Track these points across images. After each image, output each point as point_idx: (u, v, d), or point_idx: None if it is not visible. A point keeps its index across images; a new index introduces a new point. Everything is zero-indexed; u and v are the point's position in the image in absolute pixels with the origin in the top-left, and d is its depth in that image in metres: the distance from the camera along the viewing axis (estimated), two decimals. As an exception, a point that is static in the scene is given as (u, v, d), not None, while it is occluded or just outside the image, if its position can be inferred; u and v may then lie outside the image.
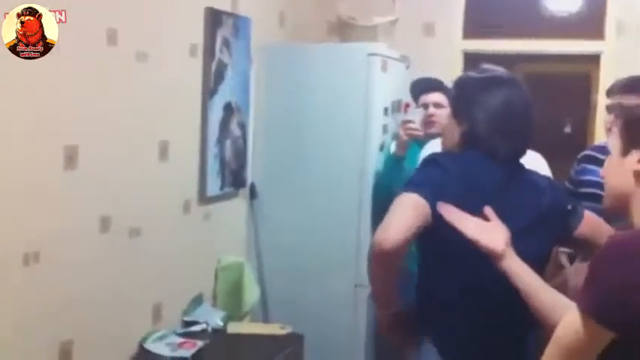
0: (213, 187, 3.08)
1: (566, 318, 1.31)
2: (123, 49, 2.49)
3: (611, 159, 1.44)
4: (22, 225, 2.14)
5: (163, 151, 2.76)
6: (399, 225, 1.62)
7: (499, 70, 1.94)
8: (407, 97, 3.58)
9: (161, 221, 2.77)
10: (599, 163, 2.12)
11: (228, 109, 3.15)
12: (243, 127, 3.29)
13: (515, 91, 1.84)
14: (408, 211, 1.64)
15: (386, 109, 3.41)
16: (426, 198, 1.64)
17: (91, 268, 2.42)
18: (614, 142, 1.45)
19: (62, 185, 2.28)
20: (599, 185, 1.75)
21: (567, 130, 4.27)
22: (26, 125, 2.11)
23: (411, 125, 3.15)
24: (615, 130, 1.46)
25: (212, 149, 3.04)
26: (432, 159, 1.81)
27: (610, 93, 2.88)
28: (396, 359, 3.27)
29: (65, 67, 2.23)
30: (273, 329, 3.02)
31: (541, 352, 1.37)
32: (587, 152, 2.99)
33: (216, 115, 3.05)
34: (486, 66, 2.00)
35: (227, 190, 3.20)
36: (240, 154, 3.29)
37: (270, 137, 3.45)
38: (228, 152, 3.18)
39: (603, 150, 2.44)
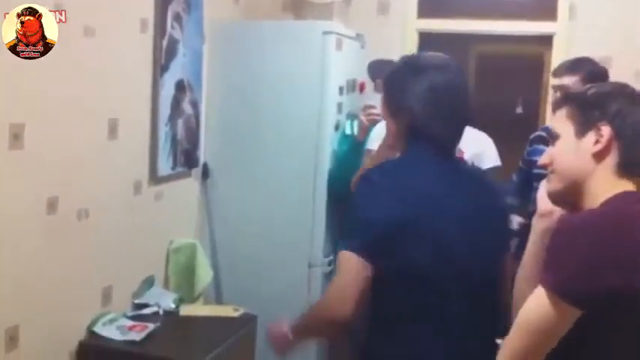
0: (165, 166, 3.01)
1: (531, 298, 1.32)
2: (70, 24, 2.37)
3: (563, 143, 1.43)
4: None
5: (113, 130, 2.68)
6: (354, 298, 1.63)
7: (428, 55, 1.90)
8: (362, 77, 3.57)
9: (111, 202, 2.70)
10: None
11: (180, 86, 3.07)
12: (195, 105, 3.22)
13: (447, 74, 1.80)
14: (359, 280, 1.64)
15: (341, 88, 3.38)
16: (368, 258, 1.63)
17: (38, 250, 2.35)
18: (561, 127, 1.44)
19: (7, 165, 2.19)
20: None
21: (519, 110, 4.32)
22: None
23: (373, 111, 3.15)
24: (562, 114, 1.46)
25: (163, 128, 2.97)
26: (368, 190, 1.75)
27: (555, 73, 2.92)
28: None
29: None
30: (227, 311, 2.99)
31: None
32: (538, 133, 3.03)
33: (167, 92, 2.98)
34: (412, 54, 1.99)
35: (179, 169, 3.14)
36: (193, 134, 3.23)
37: (223, 116, 3.39)
38: (180, 131, 3.11)
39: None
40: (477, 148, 2.87)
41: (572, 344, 1.31)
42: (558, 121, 1.46)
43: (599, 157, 1.38)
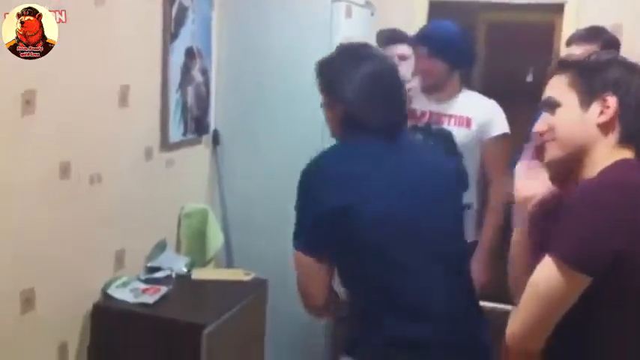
0: (176, 133, 3.04)
1: (540, 268, 1.34)
2: (81, -8, 2.42)
3: (565, 111, 1.43)
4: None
5: (124, 97, 2.70)
6: (317, 293, 1.78)
7: (357, 44, 1.95)
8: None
9: (123, 168, 2.73)
10: None
11: (190, 54, 3.09)
12: (205, 72, 3.24)
13: (378, 62, 1.85)
14: (316, 277, 1.76)
15: (350, 56, 3.38)
16: (318, 253, 1.74)
17: (51, 215, 2.39)
18: (563, 95, 1.44)
19: (20, 131, 2.23)
20: None
21: (529, 79, 4.31)
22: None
23: None
24: (562, 81, 1.45)
25: (174, 95, 2.99)
26: (306, 185, 1.83)
27: (569, 43, 2.91)
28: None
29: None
30: (238, 275, 3.03)
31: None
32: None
33: (177, 60, 3.00)
34: (343, 43, 2.03)
35: (189, 136, 3.17)
36: (203, 101, 3.25)
37: (233, 83, 3.40)
38: (191, 98, 3.13)
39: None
40: (485, 115, 2.88)
41: (578, 317, 1.33)
42: (558, 88, 1.45)
43: (604, 127, 1.40)
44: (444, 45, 2.84)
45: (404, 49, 3.25)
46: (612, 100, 1.39)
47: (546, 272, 1.32)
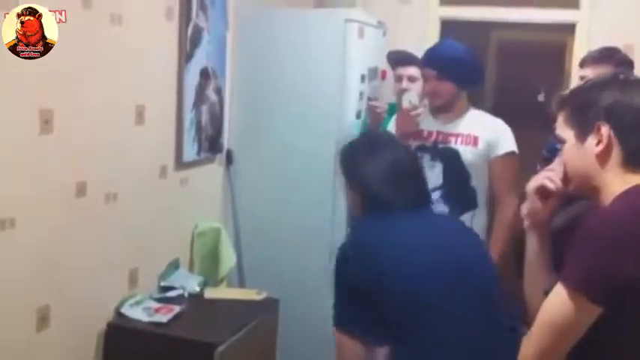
0: (190, 152, 3.07)
1: (552, 296, 1.34)
2: (97, 12, 2.45)
3: (568, 147, 1.46)
4: (-3, 190, 2.12)
5: (139, 116, 2.73)
6: None
7: (378, 133, 2.12)
8: (384, 65, 3.60)
9: (137, 186, 2.76)
10: None
11: (205, 74, 3.12)
12: (219, 92, 3.27)
13: (397, 149, 1.93)
14: (354, 354, 1.75)
15: (363, 76, 3.41)
16: (358, 331, 1.72)
17: (67, 233, 2.41)
18: (564, 132, 1.46)
19: (38, 150, 2.26)
20: None
21: (541, 98, 4.32)
22: (1, 89, 2.08)
23: (375, 104, 3.26)
24: (561, 118, 1.47)
25: (188, 114, 3.02)
26: (342, 266, 1.81)
27: (582, 65, 2.91)
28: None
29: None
30: (250, 294, 3.04)
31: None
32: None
33: (192, 80, 3.03)
34: (366, 133, 2.12)
35: (203, 155, 3.19)
36: (217, 120, 3.28)
37: (247, 103, 3.43)
38: (205, 118, 3.16)
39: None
40: (492, 133, 2.89)
41: (591, 344, 1.33)
42: (560, 126, 1.48)
43: (603, 156, 1.40)
44: (452, 66, 2.86)
45: (413, 70, 3.28)
46: (605, 129, 1.39)
47: (558, 300, 1.32)
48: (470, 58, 2.94)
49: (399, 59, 3.41)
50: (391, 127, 3.05)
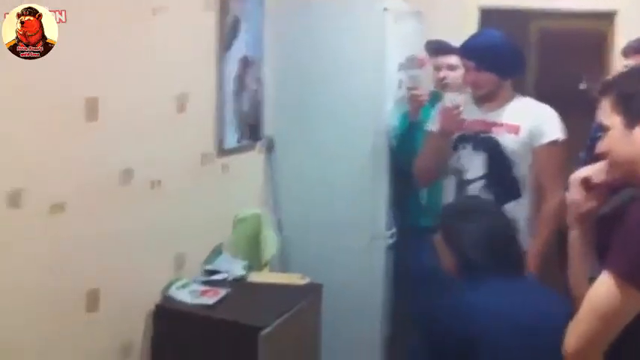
0: (231, 139, 3.11)
1: (598, 283, 1.34)
2: (140, 4, 2.51)
3: (614, 134, 1.44)
4: (46, 177, 2.19)
5: (182, 104, 2.79)
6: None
7: (477, 198, 2.28)
8: (421, 53, 3.59)
9: (181, 173, 2.81)
10: None
11: (244, 62, 3.16)
12: (258, 80, 3.30)
13: (494, 215, 2.02)
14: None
15: (401, 65, 3.42)
16: None
17: (115, 218, 2.47)
18: (609, 119, 1.45)
19: (84, 137, 2.32)
20: None
21: (582, 86, 4.27)
22: (49, 79, 2.14)
23: (416, 92, 3.19)
24: (606, 105, 1.46)
25: (229, 102, 3.06)
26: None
27: (625, 54, 2.87)
28: (412, 310, 3.35)
29: (84, 21, 2.25)
30: (293, 279, 3.07)
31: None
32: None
33: (231, 68, 3.07)
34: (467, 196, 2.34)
35: (244, 142, 3.24)
36: (257, 108, 3.32)
37: (286, 91, 3.46)
38: (245, 105, 3.20)
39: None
40: (536, 122, 2.84)
41: (636, 332, 1.33)
42: (605, 112, 1.47)
43: None
44: (491, 57, 2.82)
45: (452, 59, 3.27)
46: None
47: (603, 288, 1.32)
48: (509, 47, 2.91)
49: (437, 48, 3.40)
50: (433, 118, 3.03)
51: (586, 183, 1.48)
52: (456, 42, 3.28)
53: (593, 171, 1.48)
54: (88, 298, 2.39)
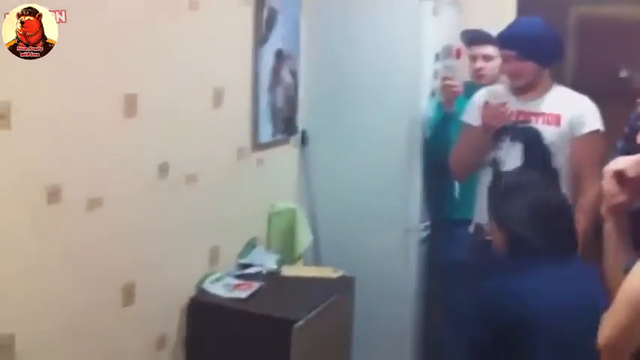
0: (266, 133, 3.13)
1: (635, 273, 1.33)
2: (177, -1, 2.53)
3: None
4: (85, 172, 2.23)
5: (218, 98, 2.81)
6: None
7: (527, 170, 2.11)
8: (458, 42, 3.55)
9: (216, 167, 2.84)
10: None
11: (279, 56, 3.16)
12: (294, 74, 3.31)
13: (547, 189, 1.92)
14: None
15: (437, 55, 3.39)
16: None
17: (151, 213, 2.51)
18: None
19: (123, 133, 2.36)
20: None
21: (623, 74, 4.18)
22: (89, 76, 2.18)
23: (450, 82, 3.14)
24: None
25: (264, 96, 3.07)
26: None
27: None
28: (444, 302, 3.35)
29: (121, 18, 2.28)
30: (326, 272, 3.09)
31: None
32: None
33: (267, 62, 3.08)
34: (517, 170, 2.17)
35: (279, 137, 3.25)
36: (291, 102, 3.32)
37: (321, 84, 3.45)
38: (280, 99, 3.21)
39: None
40: (576, 112, 2.81)
41: None
42: None
43: None
44: (532, 46, 2.77)
45: (489, 49, 3.22)
46: None
47: (638, 279, 1.30)
48: (549, 35, 2.86)
49: (473, 38, 3.35)
50: (468, 110, 2.99)
51: (619, 176, 1.45)
52: (494, 31, 3.24)
53: (628, 164, 1.45)
54: (124, 292, 2.43)
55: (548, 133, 2.81)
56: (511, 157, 2.84)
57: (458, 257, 3.13)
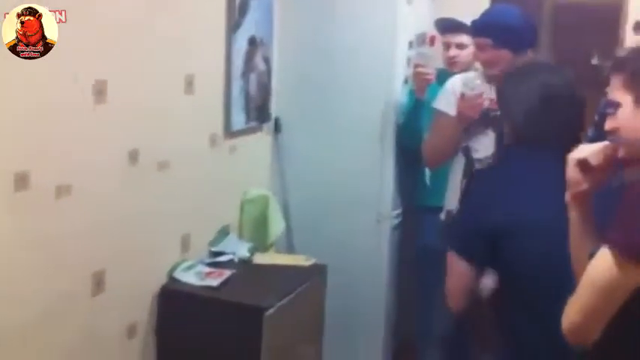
0: (239, 121, 3.10)
1: (597, 258, 1.33)
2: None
3: (624, 111, 1.42)
4: (54, 158, 2.20)
5: (189, 85, 2.78)
6: (458, 296, 1.86)
7: (540, 61, 1.94)
8: (432, 30, 3.55)
9: (188, 154, 2.81)
10: None
11: (253, 42, 3.14)
12: (267, 61, 3.28)
13: (554, 74, 1.83)
14: (461, 282, 1.83)
15: (411, 43, 3.38)
16: (470, 259, 1.78)
17: (121, 200, 2.48)
18: (620, 96, 1.43)
19: (93, 119, 2.32)
20: None
21: (594, 61, 4.21)
22: (57, 62, 2.12)
23: (420, 70, 3.14)
24: (617, 82, 1.44)
25: (236, 83, 3.05)
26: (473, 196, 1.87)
27: (637, 29, 2.81)
28: (416, 289, 3.38)
29: (89, 2, 2.24)
30: (298, 260, 3.10)
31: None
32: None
33: (240, 48, 3.05)
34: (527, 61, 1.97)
35: (252, 124, 3.23)
36: (265, 88, 3.30)
37: (295, 71, 3.44)
38: (253, 86, 3.19)
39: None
40: None
41: (633, 310, 1.33)
42: (616, 88, 1.45)
43: None
44: (508, 34, 2.76)
45: (463, 37, 3.22)
46: None
47: (602, 262, 1.32)
48: (525, 23, 2.85)
49: (447, 26, 3.34)
50: (440, 97, 2.99)
51: (582, 164, 1.46)
52: (467, 19, 3.24)
53: (591, 152, 1.46)
54: (94, 280, 2.41)
55: None
56: (483, 145, 2.85)
57: (430, 244, 3.17)
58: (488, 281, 1.84)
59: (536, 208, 1.71)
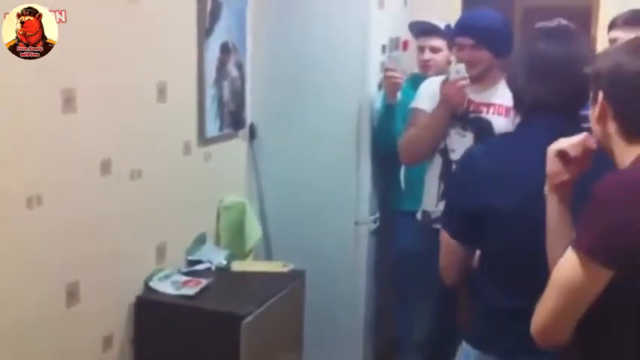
0: (213, 128, 3.08)
1: (563, 260, 1.33)
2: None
3: (590, 112, 1.46)
4: (23, 169, 2.16)
5: (161, 93, 2.75)
6: (451, 271, 1.87)
7: (555, 22, 1.91)
8: (405, 35, 3.56)
9: (162, 163, 2.79)
10: None
11: (225, 49, 3.12)
12: (240, 67, 3.27)
13: (552, 43, 1.78)
14: (453, 258, 1.85)
15: (384, 47, 3.39)
16: (462, 238, 1.81)
17: (94, 210, 2.45)
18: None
19: (62, 129, 2.29)
20: None
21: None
22: (23, 71, 2.10)
23: (390, 74, 3.15)
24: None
25: (210, 90, 3.03)
26: (461, 175, 1.87)
27: (612, 26, 2.84)
28: (394, 294, 3.37)
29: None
30: (276, 267, 3.08)
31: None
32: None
33: (212, 55, 3.03)
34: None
35: (226, 131, 3.21)
36: (239, 95, 3.29)
37: (268, 77, 3.43)
38: (226, 93, 3.17)
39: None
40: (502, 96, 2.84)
41: (600, 312, 1.33)
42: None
43: (600, 123, 1.40)
44: (490, 36, 2.78)
45: (437, 41, 3.24)
46: (600, 94, 1.39)
47: (567, 264, 1.31)
48: (506, 27, 2.87)
49: (421, 30, 3.36)
50: (418, 98, 2.99)
51: (562, 156, 1.48)
52: (440, 23, 3.26)
53: (569, 144, 1.47)
54: (68, 291, 2.38)
55: (499, 123, 2.83)
56: (461, 145, 2.85)
57: (405, 248, 3.17)
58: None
59: (515, 193, 1.71)
